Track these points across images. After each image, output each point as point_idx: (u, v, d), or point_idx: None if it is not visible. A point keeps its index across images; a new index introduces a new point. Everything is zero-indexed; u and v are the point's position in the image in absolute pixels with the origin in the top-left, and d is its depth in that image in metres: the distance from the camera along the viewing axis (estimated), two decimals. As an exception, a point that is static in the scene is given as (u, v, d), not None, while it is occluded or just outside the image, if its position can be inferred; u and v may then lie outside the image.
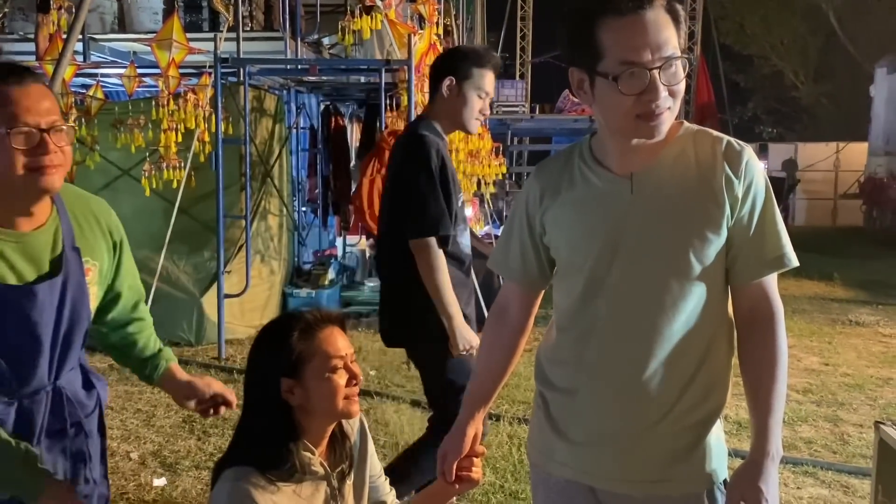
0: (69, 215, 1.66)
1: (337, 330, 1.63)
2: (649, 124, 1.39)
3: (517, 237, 1.62)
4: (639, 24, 1.34)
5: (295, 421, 1.58)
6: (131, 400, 4.76)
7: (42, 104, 1.51)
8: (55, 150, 1.52)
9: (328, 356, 1.57)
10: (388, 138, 5.45)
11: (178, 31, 5.64)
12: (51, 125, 1.52)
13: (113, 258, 1.77)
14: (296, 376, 1.57)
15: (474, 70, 2.59)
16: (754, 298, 1.49)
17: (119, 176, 6.48)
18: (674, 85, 1.38)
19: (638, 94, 1.35)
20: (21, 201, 1.56)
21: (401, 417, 4.40)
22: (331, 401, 1.57)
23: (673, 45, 1.36)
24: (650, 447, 1.49)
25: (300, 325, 1.59)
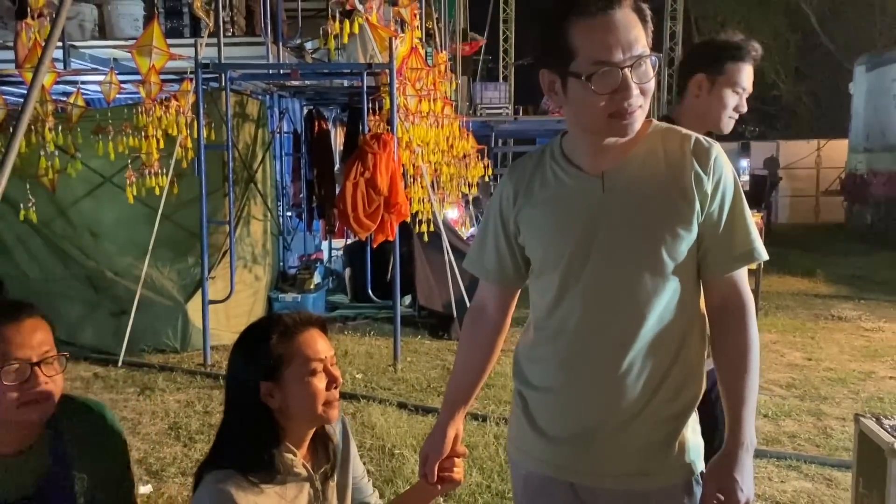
0: (62, 430, 1.69)
1: (317, 332, 1.62)
2: (622, 123, 1.41)
3: (492, 238, 1.64)
4: (609, 23, 1.36)
5: (275, 423, 1.58)
6: (116, 408, 4.73)
7: (34, 337, 1.58)
8: (46, 381, 1.58)
9: (307, 359, 1.57)
10: (371, 142, 5.47)
11: (158, 38, 5.62)
12: (42, 357, 1.58)
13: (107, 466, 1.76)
14: (275, 379, 1.56)
15: (729, 65, 2.30)
16: (725, 292, 1.52)
17: (101, 184, 6.45)
18: (644, 83, 1.40)
19: (610, 93, 1.37)
20: (11, 431, 1.61)
21: (387, 420, 4.40)
22: (310, 404, 1.57)
23: (642, 43, 1.39)
24: (628, 441, 1.51)
25: (279, 328, 1.59)
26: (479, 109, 13.84)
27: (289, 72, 6.38)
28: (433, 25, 8.72)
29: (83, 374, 5.55)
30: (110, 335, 5.97)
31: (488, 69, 20.09)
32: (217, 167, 6.12)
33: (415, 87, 6.02)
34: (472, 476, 3.62)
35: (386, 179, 5.43)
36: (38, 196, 6.15)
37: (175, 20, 7.19)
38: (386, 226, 5.57)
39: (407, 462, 3.80)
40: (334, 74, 6.71)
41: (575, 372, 1.52)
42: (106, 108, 6.34)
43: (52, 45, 4.43)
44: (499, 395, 4.81)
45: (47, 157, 5.96)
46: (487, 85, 15.11)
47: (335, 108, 8.92)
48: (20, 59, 5.99)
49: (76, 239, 6.48)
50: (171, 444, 4.14)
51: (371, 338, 6.51)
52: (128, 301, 5.87)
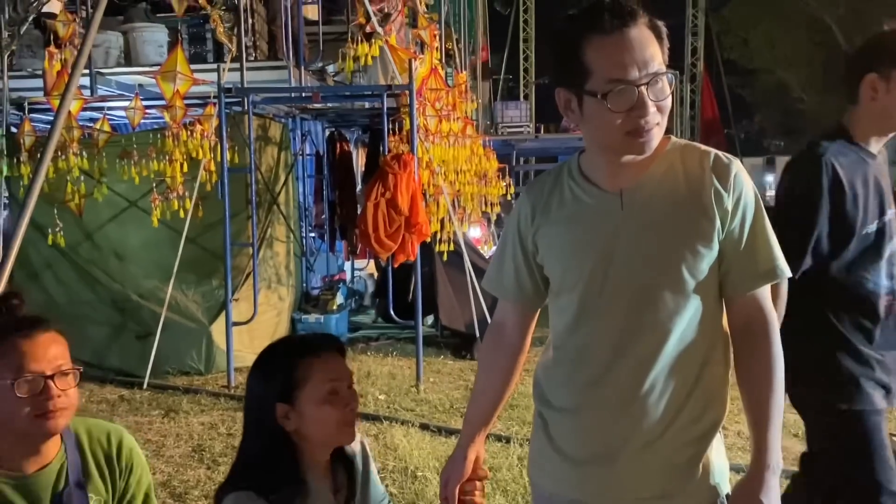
0: (80, 449, 1.71)
1: (334, 355, 1.61)
2: (638, 140, 1.39)
3: (510, 257, 1.62)
4: (624, 41, 1.35)
5: (293, 445, 1.58)
6: (141, 430, 4.75)
7: (49, 351, 1.61)
8: (59, 394, 1.60)
9: (323, 382, 1.56)
10: (392, 162, 5.50)
11: (182, 63, 5.71)
12: (56, 370, 1.60)
13: (126, 492, 1.77)
14: (290, 401, 1.56)
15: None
16: (748, 310, 1.49)
17: (127, 208, 6.53)
18: (661, 100, 1.39)
19: (627, 110, 1.36)
20: (26, 444, 1.63)
21: (410, 442, 4.37)
22: (326, 427, 1.57)
23: (658, 60, 1.38)
24: (650, 463, 1.47)
25: (295, 350, 1.59)
26: (501, 128, 13.87)
27: (310, 95, 6.45)
28: (453, 46, 8.77)
29: (109, 396, 5.59)
30: (135, 358, 6.01)
31: (509, 88, 20.17)
32: (240, 190, 6.18)
33: (434, 107, 6.05)
34: (495, 498, 3.57)
35: (407, 199, 5.45)
36: (65, 221, 6.25)
37: (198, 46, 7.30)
38: (407, 246, 5.58)
39: (430, 484, 3.77)
40: (355, 97, 6.76)
41: (596, 392, 1.50)
42: (131, 134, 6.44)
43: (78, 73, 4.53)
44: (522, 416, 4.76)
45: (73, 182, 6.06)
46: (508, 104, 15.13)
47: (356, 129, 8.98)
48: (48, 86, 6.13)
49: (102, 262, 6.56)
50: (194, 467, 4.14)
51: (394, 358, 6.50)
52: (153, 323, 5.92)
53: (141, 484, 1.78)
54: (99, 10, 4.67)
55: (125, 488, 1.75)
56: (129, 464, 1.76)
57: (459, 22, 10.97)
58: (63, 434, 1.68)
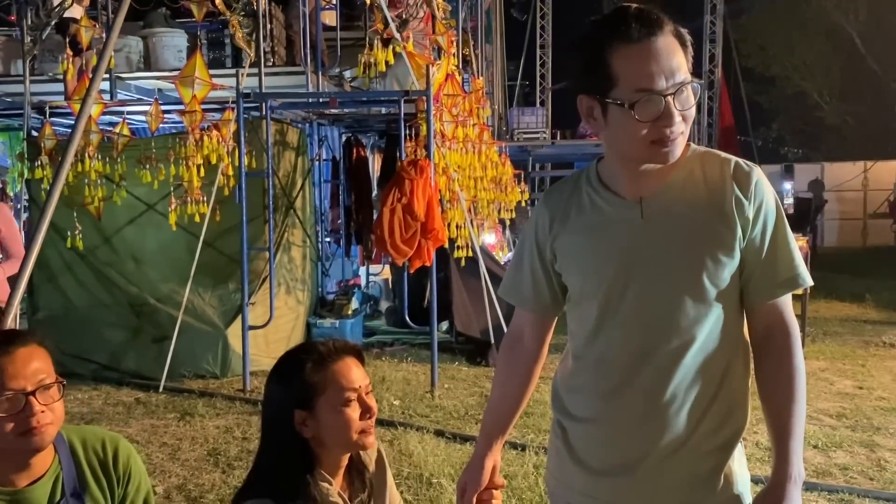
0: (74, 459, 1.68)
1: (352, 361, 1.61)
2: (663, 150, 1.38)
3: (528, 265, 1.61)
4: (651, 50, 1.34)
5: (310, 452, 1.57)
6: (157, 434, 4.78)
7: (29, 367, 1.57)
8: (42, 409, 1.56)
9: (341, 388, 1.56)
10: (408, 167, 5.50)
11: (201, 68, 5.75)
12: (37, 385, 1.56)
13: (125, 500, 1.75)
14: (308, 408, 1.56)
15: None
16: (769, 319, 1.48)
17: (145, 211, 6.58)
18: (686, 110, 1.38)
19: (653, 120, 1.35)
20: (14, 460, 1.60)
21: (424, 448, 4.36)
22: (344, 433, 1.56)
23: (684, 70, 1.37)
24: (671, 474, 1.46)
25: (314, 356, 1.58)
26: (517, 134, 13.86)
27: (328, 100, 6.48)
28: (469, 52, 8.78)
29: (125, 399, 5.62)
30: (152, 361, 6.05)
31: (525, 94, 20.15)
32: (258, 194, 6.21)
33: (451, 112, 6.05)
34: (510, 506, 3.55)
35: (423, 205, 5.44)
36: (84, 224, 6.31)
37: (217, 51, 7.36)
38: (423, 251, 5.57)
39: (445, 491, 3.75)
40: (372, 102, 6.78)
41: (616, 402, 1.48)
42: (150, 138, 6.50)
43: (99, 77, 4.58)
44: (538, 424, 4.74)
45: (92, 186, 6.11)
46: (524, 110, 15.13)
47: (373, 134, 9.01)
48: (69, 91, 6.19)
49: (120, 265, 6.61)
50: (210, 471, 4.15)
51: (408, 364, 6.49)
52: (169, 327, 5.95)
53: (140, 491, 1.77)
54: (120, 16, 4.72)
55: (124, 496, 1.74)
56: (127, 471, 1.74)
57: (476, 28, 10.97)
58: (56, 445, 1.66)
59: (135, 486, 1.75)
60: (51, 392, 1.58)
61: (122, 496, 1.74)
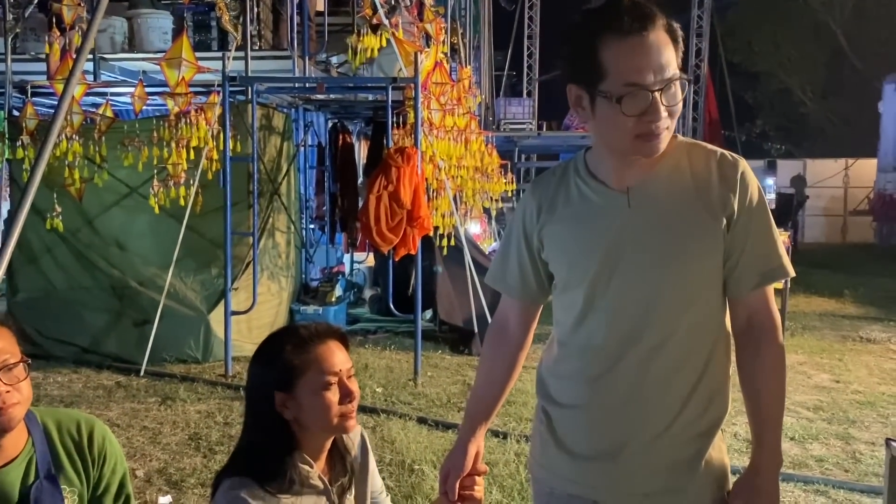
0: (49, 441, 1.66)
1: (334, 344, 1.60)
2: (647, 144, 1.40)
3: (515, 253, 1.62)
4: (642, 45, 1.34)
5: (291, 434, 1.58)
6: (137, 417, 4.76)
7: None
8: (7, 389, 1.54)
9: (321, 372, 1.55)
10: (395, 155, 5.49)
11: (187, 50, 5.69)
12: (1, 366, 1.54)
13: (100, 482, 1.74)
14: (289, 390, 1.56)
15: None
16: (751, 309, 1.50)
17: (128, 194, 6.52)
18: (673, 105, 1.38)
19: (639, 115, 1.36)
20: None
21: (407, 435, 4.38)
22: (324, 416, 1.56)
23: (673, 66, 1.37)
24: (654, 459, 1.48)
25: (295, 339, 1.58)
26: (503, 125, 13.85)
27: (314, 85, 6.43)
28: (458, 40, 8.75)
29: (105, 382, 5.59)
30: (133, 344, 6.01)
31: (512, 84, 20.13)
32: (242, 179, 6.17)
33: (439, 101, 6.04)
34: (491, 494, 3.58)
35: (409, 193, 5.44)
36: (66, 206, 6.24)
37: (203, 34, 7.28)
38: (408, 239, 5.57)
39: (426, 478, 3.77)
40: (359, 88, 6.74)
41: (600, 389, 1.50)
42: (133, 120, 6.43)
43: (83, 57, 4.51)
44: (519, 413, 4.77)
45: (73, 167, 6.04)
46: (511, 100, 15.13)
47: (359, 121, 8.97)
48: (52, 70, 6.10)
49: (102, 249, 6.55)
50: (191, 455, 4.14)
51: (391, 352, 6.50)
52: (151, 311, 5.91)
53: (116, 472, 1.76)
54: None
55: (99, 477, 1.72)
56: (102, 453, 1.73)
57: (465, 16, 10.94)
58: (30, 427, 1.64)
59: (110, 468, 1.74)
60: (15, 372, 1.56)
61: (98, 478, 1.72)
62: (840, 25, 22.77)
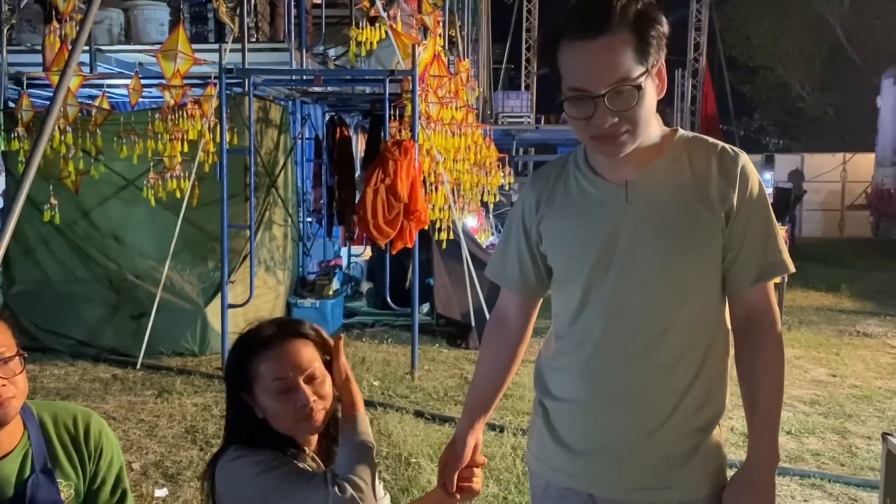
0: (45, 435, 1.65)
1: (293, 345, 1.52)
2: (605, 146, 1.40)
3: (514, 246, 1.61)
4: (591, 50, 1.32)
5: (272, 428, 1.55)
6: (134, 410, 4.75)
7: None
8: (3, 383, 1.53)
9: (270, 377, 1.50)
10: (392, 148, 5.47)
11: (183, 42, 5.67)
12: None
13: (96, 476, 1.73)
14: (250, 393, 1.54)
15: None
16: (750, 305, 1.48)
17: (124, 186, 6.50)
18: (626, 111, 1.35)
19: (585, 118, 1.36)
20: None
21: (404, 428, 4.37)
22: (282, 421, 1.52)
23: (624, 70, 1.32)
24: (650, 454, 1.47)
25: (249, 343, 1.54)
26: (501, 118, 13.82)
27: (312, 78, 6.41)
28: (456, 33, 8.72)
29: (102, 375, 5.58)
30: (129, 337, 6.00)
31: (510, 78, 20.09)
32: (239, 172, 6.15)
33: (437, 94, 6.02)
34: (488, 487, 3.58)
35: (406, 186, 5.42)
36: (62, 198, 6.22)
37: (200, 25, 7.25)
38: (405, 233, 5.55)
39: (423, 471, 3.77)
40: (357, 81, 6.72)
41: (597, 383, 1.49)
42: (130, 112, 6.40)
43: (78, 49, 4.48)
44: (516, 406, 4.77)
45: (69, 159, 6.02)
46: (509, 94, 15.08)
47: (357, 114, 8.94)
48: (48, 62, 6.07)
49: (98, 241, 6.53)
50: (187, 448, 4.14)
51: (389, 345, 6.49)
52: (148, 304, 5.90)
53: (112, 466, 1.75)
54: (101, -14, 4.61)
55: (96, 471, 1.71)
56: (99, 446, 1.71)
57: (463, 9, 10.90)
58: (26, 420, 1.63)
59: (107, 462, 1.73)
60: (11, 365, 1.55)
61: (94, 471, 1.71)
62: (839, 20, 22.73)
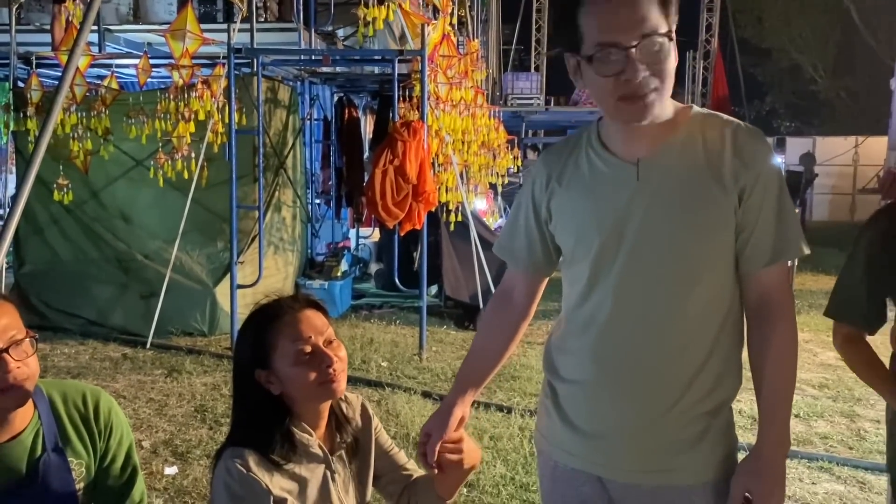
0: (55, 414, 1.66)
1: (305, 313, 1.57)
2: (633, 106, 1.35)
3: (523, 223, 1.59)
4: (613, 4, 1.31)
5: (284, 406, 1.57)
6: (144, 389, 4.78)
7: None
8: (17, 365, 1.53)
9: (291, 341, 1.54)
10: (401, 129, 5.45)
11: (192, 22, 5.65)
12: (9, 342, 1.52)
13: (107, 453, 1.73)
14: (267, 367, 1.55)
15: None
16: (763, 287, 1.45)
17: (133, 167, 6.51)
18: (656, 64, 1.32)
19: (615, 74, 1.32)
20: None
21: (412, 409, 4.39)
22: (305, 387, 1.54)
23: (653, 22, 1.31)
24: (659, 437, 1.46)
25: (264, 314, 1.57)
26: (510, 100, 13.75)
27: (320, 58, 6.38)
28: (465, 13, 8.66)
29: (112, 354, 5.62)
30: (139, 317, 6.04)
31: (520, 59, 19.97)
32: (248, 152, 6.14)
33: (446, 74, 5.98)
34: (496, 467, 3.59)
35: (415, 167, 5.40)
36: (72, 178, 6.23)
37: (208, 5, 7.23)
38: (414, 214, 5.55)
39: (430, 451, 3.78)
40: (366, 61, 6.68)
41: (606, 365, 1.47)
42: (138, 92, 6.39)
43: (86, 29, 4.47)
44: (524, 388, 4.78)
45: (78, 139, 6.03)
46: (519, 75, 14.99)
47: (365, 95, 8.91)
48: (56, 41, 6.07)
49: (108, 221, 6.55)
50: (196, 427, 4.17)
51: (397, 326, 6.51)
52: (157, 284, 5.92)
53: (122, 444, 1.76)
54: (109, -36, 4.59)
55: (106, 449, 1.72)
56: (109, 424, 1.72)
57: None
58: (36, 400, 1.64)
59: (117, 440, 1.74)
60: (23, 347, 1.55)
61: (105, 449, 1.73)
62: (853, 1, 22.44)
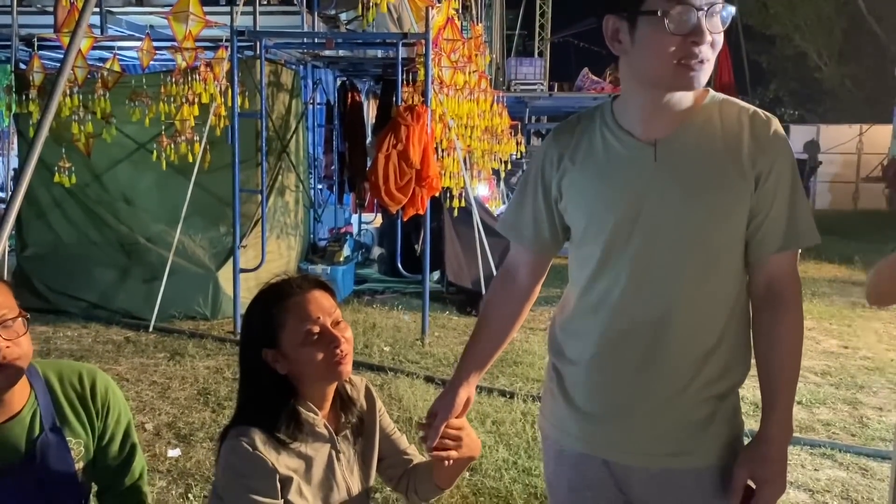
0: (51, 393, 1.65)
1: (314, 294, 1.58)
2: (689, 73, 1.33)
3: (531, 201, 1.57)
4: None
5: (290, 386, 1.58)
6: (146, 372, 4.79)
7: None
8: (7, 345, 1.53)
9: (300, 321, 1.54)
10: (404, 113, 5.42)
11: (194, 4, 5.61)
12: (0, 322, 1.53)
13: (105, 432, 1.74)
14: (275, 346, 1.56)
15: None
16: (771, 274, 1.44)
17: (136, 150, 6.49)
18: (715, 33, 1.33)
19: (684, 35, 1.31)
20: None
21: (414, 393, 4.40)
22: (313, 367, 1.55)
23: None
24: (666, 421, 1.45)
25: (273, 295, 1.57)
26: (514, 85, 13.67)
27: (323, 41, 6.34)
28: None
29: (115, 337, 5.62)
30: (142, 300, 6.04)
31: (524, 44, 19.86)
32: (250, 136, 6.12)
33: (450, 58, 5.94)
34: (498, 452, 3.60)
35: (418, 152, 5.38)
36: (74, 160, 6.21)
37: (211, -13, 7.15)
38: (417, 199, 5.53)
39: (433, 435, 3.79)
40: (369, 44, 6.64)
41: (614, 347, 1.46)
42: (141, 75, 6.36)
43: (88, 11, 4.43)
44: (526, 373, 4.78)
45: (79, 122, 6.01)
46: (522, 60, 14.89)
47: (368, 79, 8.86)
48: (58, 23, 6.03)
49: (110, 204, 6.54)
50: (199, 410, 4.17)
51: (399, 312, 6.51)
52: (160, 267, 5.92)
53: (120, 422, 1.76)
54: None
55: (104, 428, 1.73)
56: (106, 403, 1.73)
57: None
58: (32, 380, 1.64)
59: (114, 418, 1.75)
60: (15, 327, 1.55)
61: (103, 428, 1.73)
62: (860, -12, 22.26)
